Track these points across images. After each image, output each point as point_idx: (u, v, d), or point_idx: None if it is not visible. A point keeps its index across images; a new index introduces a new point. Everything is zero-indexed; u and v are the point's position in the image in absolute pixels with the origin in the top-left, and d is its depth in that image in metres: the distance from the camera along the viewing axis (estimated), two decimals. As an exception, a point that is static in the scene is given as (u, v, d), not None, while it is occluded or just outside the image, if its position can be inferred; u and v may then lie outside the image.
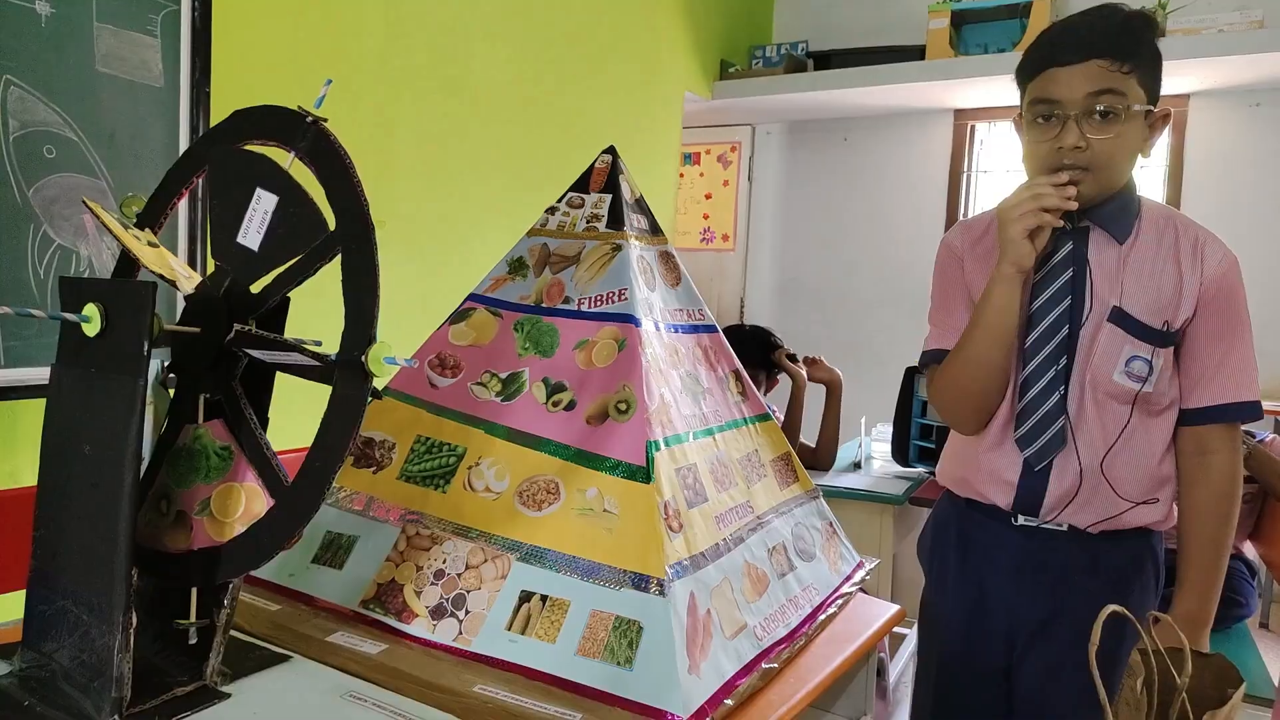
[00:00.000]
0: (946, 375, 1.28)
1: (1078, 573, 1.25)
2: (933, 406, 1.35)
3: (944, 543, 1.37)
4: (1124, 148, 1.16)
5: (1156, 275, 1.20)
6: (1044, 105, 1.18)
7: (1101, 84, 1.13)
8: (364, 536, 1.09)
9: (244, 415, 0.86)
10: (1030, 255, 1.16)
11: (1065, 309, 1.21)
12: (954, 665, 1.35)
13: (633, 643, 0.90)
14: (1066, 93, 1.15)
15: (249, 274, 0.86)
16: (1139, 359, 1.19)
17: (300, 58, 2.18)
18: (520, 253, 1.26)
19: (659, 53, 3.78)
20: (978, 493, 1.29)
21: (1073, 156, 1.15)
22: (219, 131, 0.93)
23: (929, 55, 3.89)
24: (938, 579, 1.37)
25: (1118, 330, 1.20)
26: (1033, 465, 1.23)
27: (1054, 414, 1.21)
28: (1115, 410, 1.21)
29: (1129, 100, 1.14)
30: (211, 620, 0.85)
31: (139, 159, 1.84)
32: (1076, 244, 1.22)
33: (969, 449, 1.31)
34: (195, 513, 0.85)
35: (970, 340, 1.22)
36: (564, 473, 1.05)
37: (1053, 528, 1.25)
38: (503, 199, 2.85)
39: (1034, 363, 1.22)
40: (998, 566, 1.29)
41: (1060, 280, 1.22)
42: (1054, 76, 1.16)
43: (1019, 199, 1.15)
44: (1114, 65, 1.13)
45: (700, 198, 4.91)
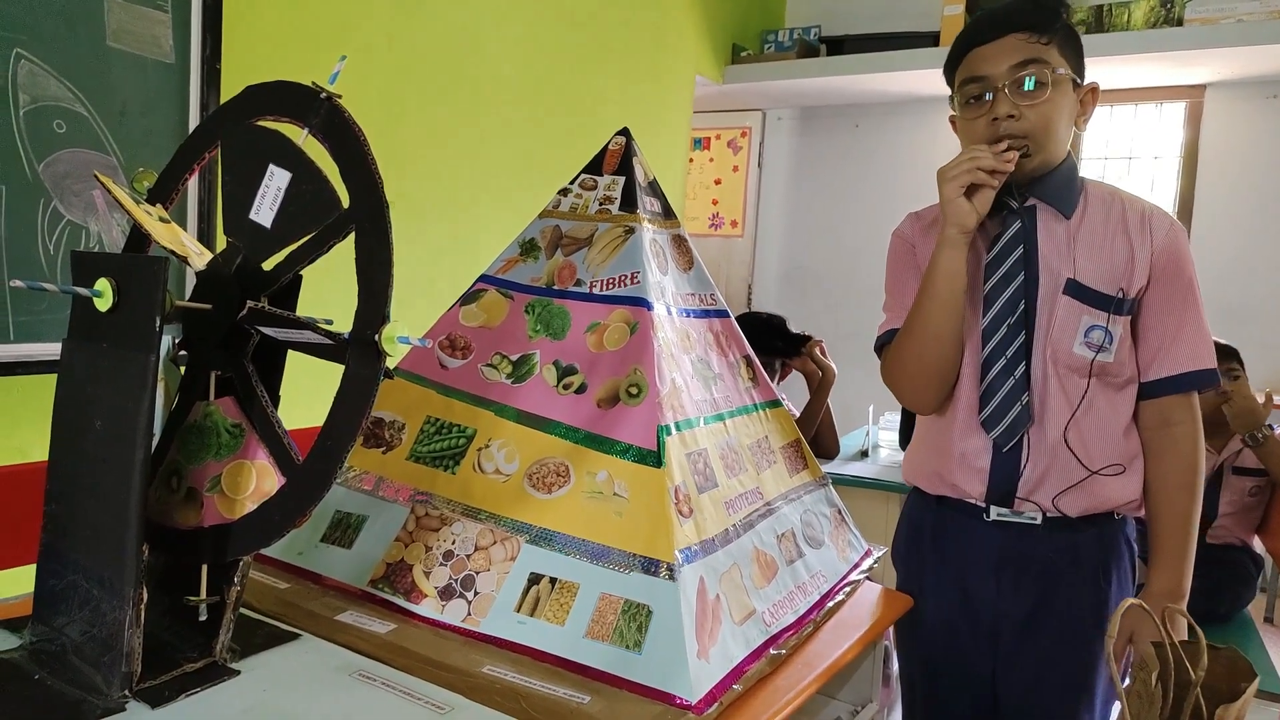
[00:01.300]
0: (899, 351, 1.28)
1: (1058, 567, 1.24)
2: (890, 387, 1.34)
3: (919, 544, 1.36)
4: (1057, 115, 1.19)
5: (1107, 247, 1.22)
6: (973, 84, 1.22)
7: (1023, 54, 1.17)
8: (373, 516, 1.09)
9: (255, 393, 0.86)
10: (970, 215, 1.17)
11: (1019, 285, 1.22)
12: (940, 670, 1.34)
13: (642, 626, 0.90)
14: (991, 67, 1.19)
15: (261, 251, 0.86)
16: (1098, 328, 1.20)
17: (310, 37, 2.17)
18: (532, 234, 1.25)
19: (669, 35, 3.75)
20: (950, 485, 1.28)
21: (1008, 126, 1.18)
22: (232, 107, 0.92)
23: (943, 42, 3.85)
24: (916, 582, 1.36)
25: (1074, 302, 1.21)
26: (1001, 446, 1.22)
27: (1017, 391, 1.21)
28: (1076, 382, 1.22)
29: (1052, 66, 1.17)
30: (221, 597, 0.85)
31: (149, 135, 1.84)
32: (1025, 222, 1.23)
33: (939, 440, 1.30)
34: (206, 490, 0.85)
35: (920, 311, 1.23)
36: (574, 455, 1.05)
37: (1028, 520, 1.25)
38: (512, 181, 2.84)
39: (993, 341, 1.23)
40: (977, 565, 1.28)
41: (1012, 257, 1.22)
42: (978, 55, 1.21)
43: (956, 160, 1.18)
44: (1032, 37, 1.18)
45: (709, 183, 4.89)
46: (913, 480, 1.38)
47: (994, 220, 1.24)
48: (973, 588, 1.29)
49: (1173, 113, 3.93)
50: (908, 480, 1.41)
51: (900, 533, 1.43)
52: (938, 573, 1.33)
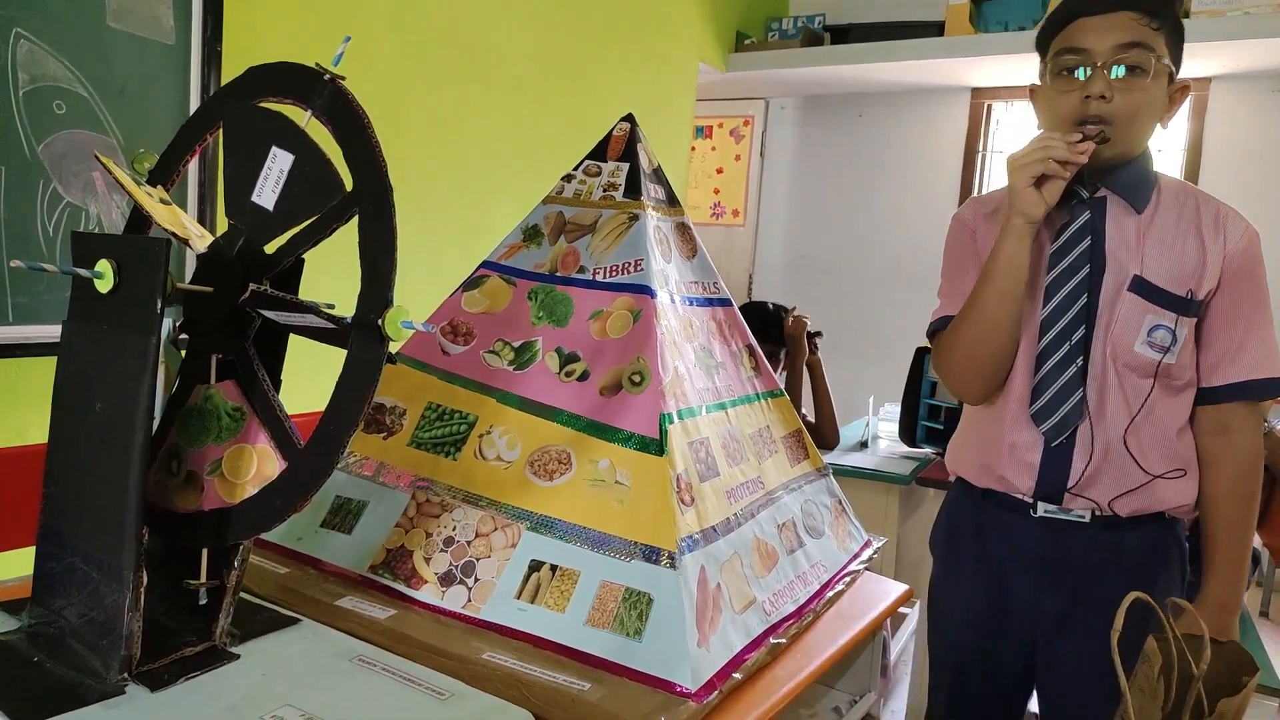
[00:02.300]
0: (953, 337, 1.25)
1: (1100, 565, 1.22)
2: (938, 375, 1.32)
3: (960, 536, 1.34)
4: (1147, 107, 1.15)
5: (1178, 245, 1.18)
6: (1072, 55, 1.16)
7: (1131, 36, 1.12)
8: (374, 502, 1.08)
9: (257, 376, 0.85)
10: (1038, 205, 1.13)
11: (1083, 278, 1.18)
12: (973, 663, 1.32)
13: (642, 614, 0.90)
14: (1095, 42, 1.13)
15: (263, 234, 0.85)
16: (1162, 328, 1.17)
17: (312, 19, 2.15)
18: (535, 220, 1.24)
19: (674, 22, 3.73)
20: (998, 479, 1.26)
21: (1097, 107, 1.13)
22: (233, 88, 0.91)
23: (948, 32, 3.84)
24: (953, 573, 1.34)
25: (1139, 299, 1.17)
26: (1050, 441, 1.20)
27: (1071, 387, 1.18)
28: (1135, 383, 1.18)
29: (1157, 54, 1.12)
30: (221, 581, 0.85)
31: (149, 116, 1.83)
32: (1094, 213, 1.20)
33: (987, 432, 1.27)
34: (206, 473, 0.85)
35: (978, 298, 1.20)
36: (576, 443, 1.04)
37: (1074, 518, 1.22)
38: (516, 166, 2.83)
39: (1050, 334, 1.19)
40: (1018, 560, 1.26)
41: (1078, 250, 1.19)
42: (1083, 26, 1.15)
43: (1028, 148, 1.14)
44: (1144, 19, 1.12)
45: (712, 172, 4.87)
46: (958, 471, 1.36)
47: (1061, 209, 1.20)
48: (1012, 584, 1.27)
49: (1178, 106, 3.91)
50: (952, 471, 1.38)
51: (940, 524, 1.41)
52: (976, 567, 1.30)
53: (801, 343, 2.56)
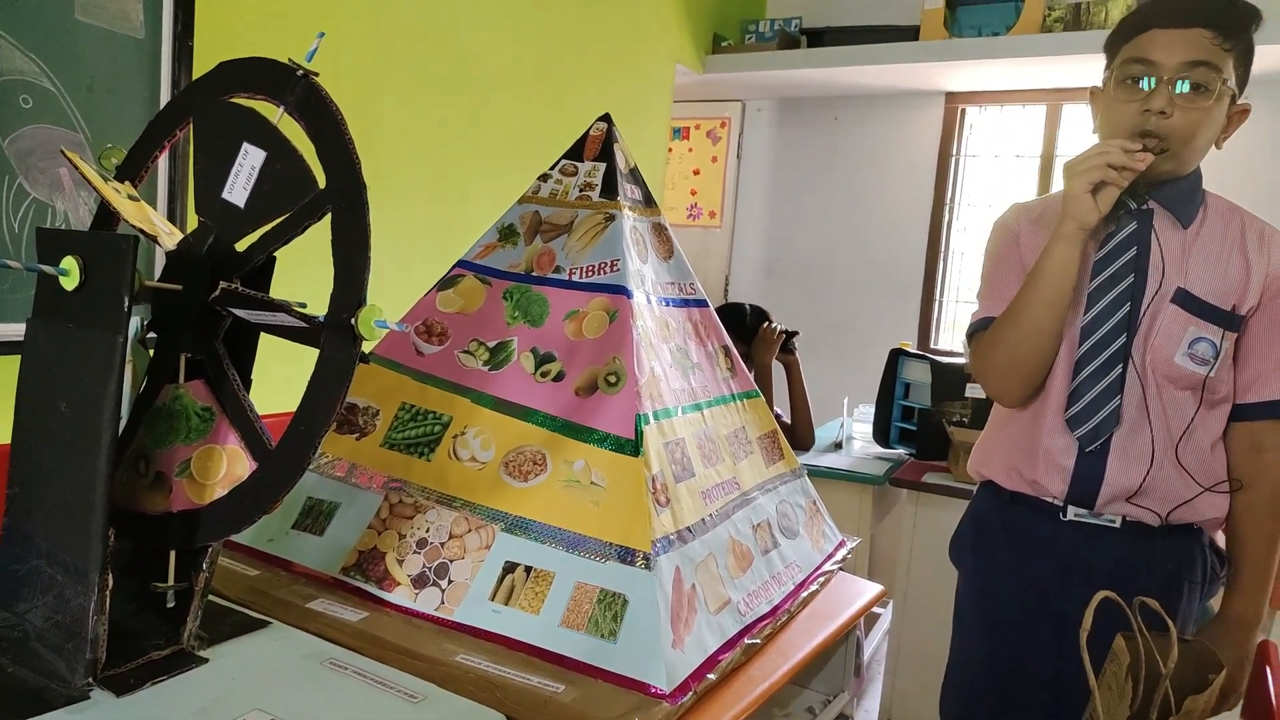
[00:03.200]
0: (995, 339, 1.24)
1: (1133, 575, 1.22)
2: (977, 375, 1.32)
3: (989, 540, 1.33)
4: (1206, 127, 1.14)
5: (1223, 262, 1.19)
6: (1139, 65, 1.15)
7: (1200, 54, 1.11)
8: (346, 503, 1.07)
9: (227, 376, 0.84)
10: (1093, 213, 1.12)
11: (1126, 287, 1.18)
12: (1006, 672, 1.31)
13: (617, 615, 0.90)
14: (1164, 56, 1.12)
15: (234, 231, 0.84)
16: (1205, 340, 1.17)
17: (285, 14, 2.13)
18: (511, 220, 1.23)
19: (650, 23, 3.73)
20: (1030, 482, 1.26)
21: (1156, 122, 1.12)
22: (204, 83, 0.90)
23: (923, 36, 3.86)
24: (984, 578, 1.33)
25: (1181, 311, 1.18)
26: (1085, 446, 1.20)
27: (1109, 394, 1.18)
28: (1175, 396, 1.19)
29: (1224, 76, 1.11)
30: (190, 584, 0.83)
31: (118, 112, 1.80)
32: (1141, 224, 1.20)
33: (1022, 435, 1.27)
34: (175, 474, 0.84)
35: (1024, 302, 1.19)
36: (551, 444, 1.04)
37: (1104, 523, 1.22)
38: (491, 165, 2.82)
39: (1090, 341, 1.20)
40: (1048, 564, 1.26)
41: (1123, 259, 1.19)
42: (1154, 38, 1.14)
43: (1087, 154, 1.13)
44: (1216, 38, 1.11)
45: (688, 173, 4.88)
46: (986, 473, 1.35)
47: (1108, 219, 1.20)
48: (1041, 588, 1.27)
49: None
50: (978, 473, 1.37)
51: (966, 528, 1.39)
52: (1006, 572, 1.30)
53: (768, 341, 2.57)
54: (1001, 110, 4.27)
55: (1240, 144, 3.79)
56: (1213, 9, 1.12)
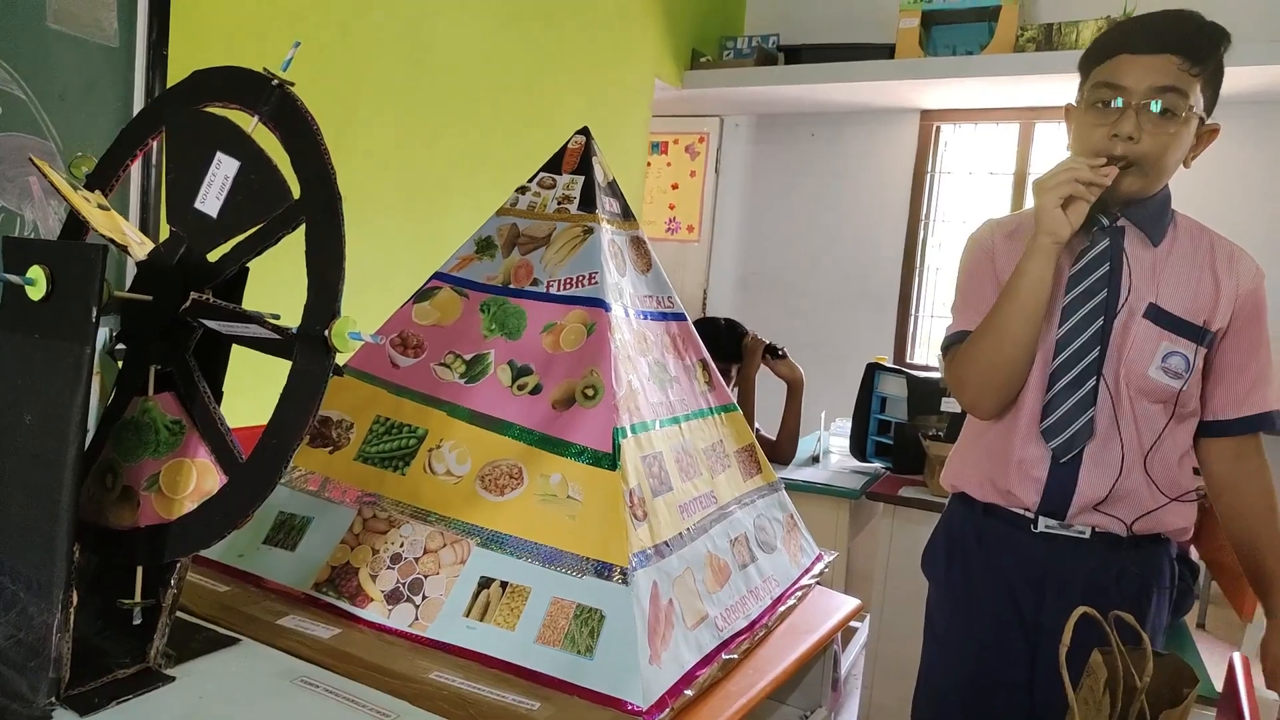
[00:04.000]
0: (971, 352, 1.26)
1: (1103, 586, 1.24)
2: (952, 388, 1.33)
3: (962, 551, 1.34)
4: (1174, 150, 1.16)
5: (1193, 279, 1.21)
6: (1108, 89, 1.17)
7: (1169, 80, 1.13)
8: (318, 518, 1.06)
9: (197, 388, 0.83)
10: (1065, 226, 1.15)
11: (1100, 301, 1.21)
12: (978, 682, 1.32)
13: (594, 631, 0.89)
14: (1133, 81, 1.14)
15: (206, 241, 0.83)
16: (1178, 354, 1.19)
17: (262, 25, 2.12)
18: (488, 232, 1.23)
19: (630, 38, 3.75)
20: (1003, 493, 1.27)
21: (1124, 147, 1.15)
22: (177, 92, 0.89)
23: (898, 54, 3.91)
24: (957, 590, 1.34)
25: (1153, 326, 1.20)
26: (1059, 457, 1.22)
27: (1082, 406, 1.20)
28: (1146, 408, 1.21)
29: (1190, 103, 1.13)
30: (157, 600, 0.82)
31: (91, 121, 1.78)
32: (1113, 241, 1.22)
33: (995, 446, 1.28)
34: (143, 488, 0.82)
35: (1000, 314, 1.21)
36: (527, 457, 1.03)
37: (1075, 534, 1.24)
38: (469, 177, 2.81)
39: (1065, 353, 1.21)
40: (1021, 574, 1.27)
41: (1096, 274, 1.21)
42: (1124, 63, 1.16)
43: (1055, 170, 1.15)
44: (1185, 64, 1.13)
45: (667, 187, 4.89)
46: (958, 485, 1.36)
47: (1081, 235, 1.22)
48: (1015, 600, 1.28)
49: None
50: (951, 485, 1.38)
51: (938, 540, 1.40)
52: (979, 583, 1.31)
53: (755, 356, 2.58)
54: (975, 128, 4.32)
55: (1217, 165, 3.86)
56: (1182, 35, 1.14)
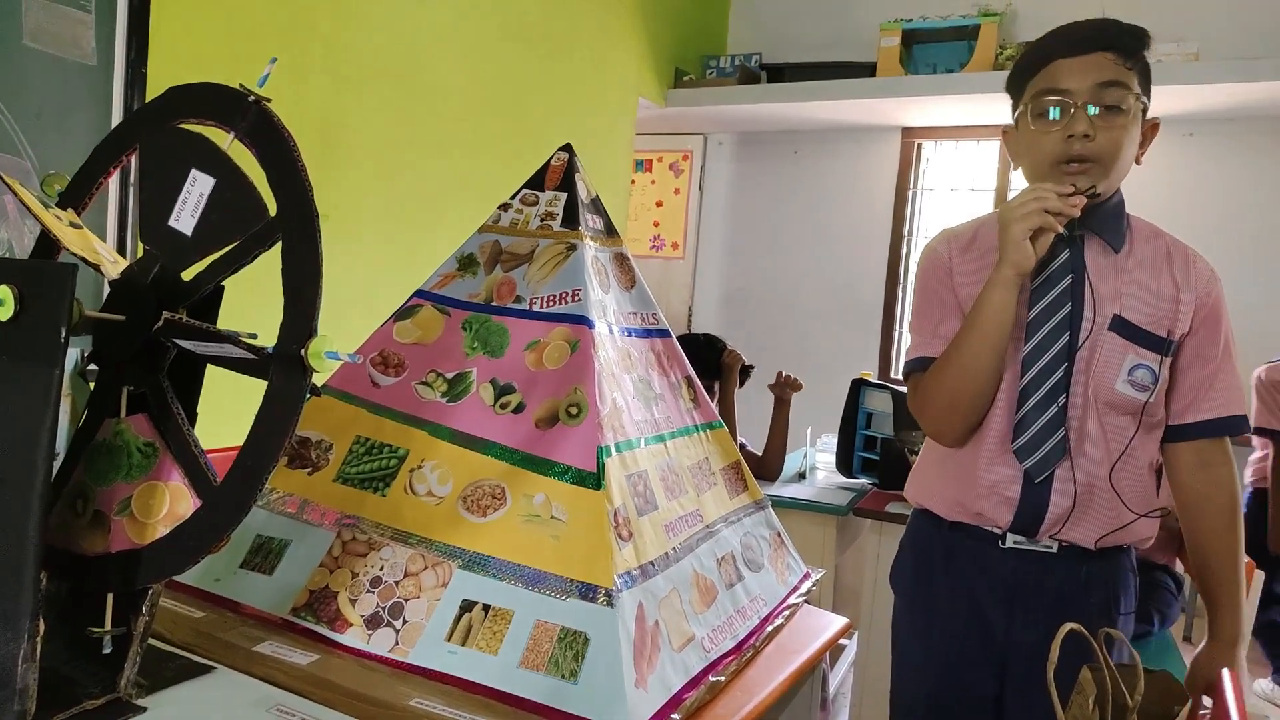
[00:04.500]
0: (935, 382, 1.24)
1: (1072, 598, 1.23)
2: (917, 416, 1.31)
3: (930, 567, 1.32)
4: (1128, 143, 1.16)
5: (1154, 285, 1.20)
6: (1052, 96, 1.16)
7: (1109, 75, 1.14)
8: (296, 541, 1.04)
9: (170, 410, 0.81)
10: (1031, 259, 1.14)
11: (1065, 316, 1.19)
12: (946, 697, 1.31)
13: (578, 655, 0.87)
14: (1075, 82, 1.14)
15: (180, 260, 0.81)
16: (1143, 367, 1.19)
17: (243, 43, 2.11)
18: (471, 249, 1.22)
19: (613, 56, 3.77)
20: (974, 514, 1.25)
21: (1081, 146, 1.14)
22: (152, 108, 0.87)
23: (879, 73, 3.95)
24: (923, 608, 1.33)
25: (1118, 338, 1.19)
26: (1033, 477, 1.20)
27: (1054, 424, 1.18)
28: (1115, 421, 1.20)
29: (1135, 92, 1.14)
30: (128, 628, 0.79)
31: (68, 139, 1.76)
32: (1074, 252, 1.21)
33: (962, 467, 1.26)
34: (114, 513, 0.80)
35: (964, 344, 1.19)
36: (510, 477, 1.01)
37: (1043, 549, 1.23)
38: (452, 196, 2.80)
39: (1032, 371, 1.20)
40: (991, 593, 1.26)
41: (1059, 287, 1.20)
42: (1060, 67, 1.16)
43: (1022, 200, 1.14)
44: (1119, 59, 1.14)
45: (651, 205, 4.90)
46: (924, 503, 1.34)
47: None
48: (985, 615, 1.26)
49: (1096, 148, 4.07)
50: (915, 502, 1.36)
51: (904, 557, 1.39)
52: (949, 599, 1.29)
53: (734, 373, 2.58)
54: (956, 145, 4.36)
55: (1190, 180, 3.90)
56: (1110, 34, 1.16)
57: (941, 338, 1.25)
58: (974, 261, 1.24)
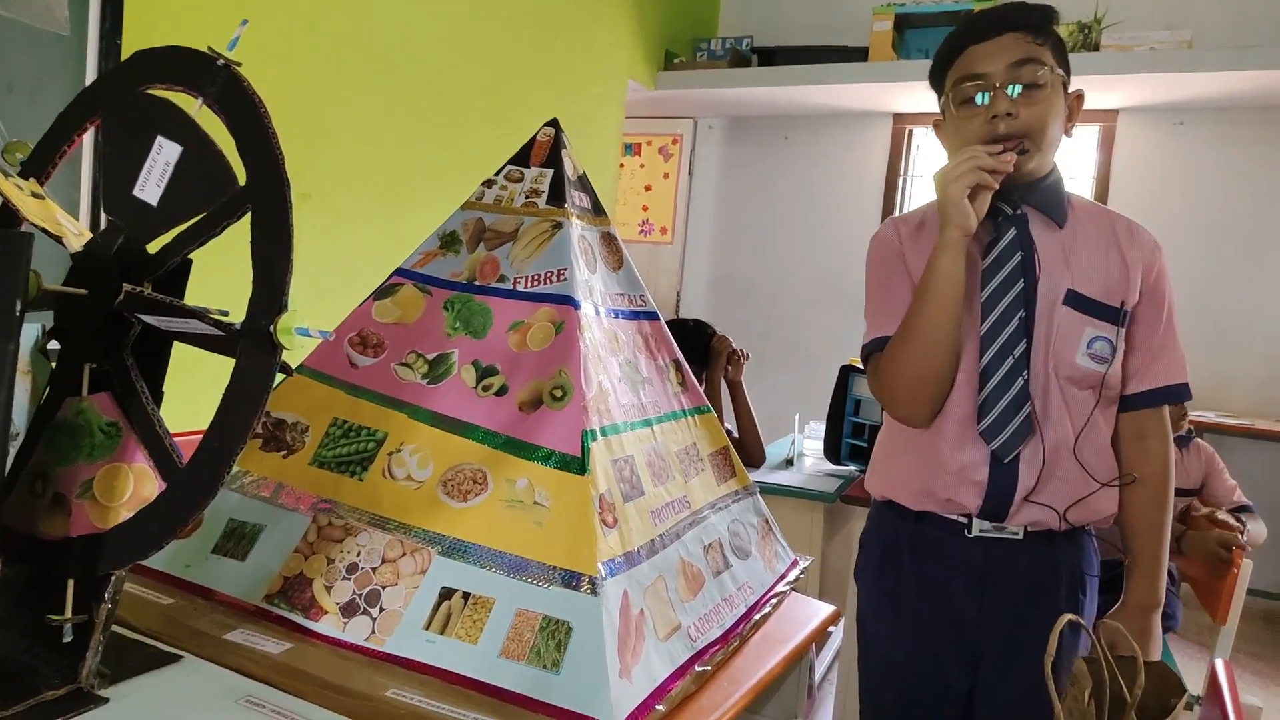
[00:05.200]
0: (894, 357, 1.22)
1: (1039, 583, 1.22)
2: (881, 398, 1.29)
3: (895, 562, 1.30)
4: (1052, 115, 1.19)
5: (1102, 258, 1.22)
6: (970, 82, 1.19)
7: (1022, 53, 1.17)
8: (270, 525, 1.00)
9: (135, 388, 0.77)
10: (971, 217, 1.14)
11: (1019, 292, 1.19)
12: (917, 690, 1.29)
13: (561, 644, 0.85)
14: (990, 65, 1.18)
15: (146, 231, 0.78)
16: (1101, 339, 1.20)
17: (223, 18, 2.05)
18: (453, 227, 1.18)
19: (603, 38, 3.72)
20: (942, 501, 1.24)
21: (1007, 125, 1.16)
22: (118, 73, 0.84)
23: (871, 57, 3.91)
24: (891, 602, 1.31)
25: (1074, 312, 1.20)
26: (1001, 457, 1.19)
27: (1019, 401, 1.17)
28: (1077, 395, 1.20)
29: (1050, 65, 1.17)
30: (90, 615, 0.76)
31: (40, 112, 1.71)
32: (1020, 229, 1.21)
33: (926, 453, 1.25)
34: (76, 495, 0.76)
35: (918, 315, 1.18)
36: (492, 461, 0.98)
37: (1009, 535, 1.22)
38: (438, 178, 2.76)
39: (992, 350, 1.19)
40: (960, 584, 1.24)
41: (1010, 264, 1.20)
42: (974, 53, 1.19)
43: (955, 161, 1.15)
44: (1028, 37, 1.17)
45: (640, 189, 4.86)
46: (888, 495, 1.32)
47: (986, 226, 1.21)
48: (956, 606, 1.25)
49: (1088, 136, 4.06)
50: (879, 494, 1.34)
51: (869, 550, 1.37)
52: (918, 592, 1.28)
53: (721, 358, 2.55)
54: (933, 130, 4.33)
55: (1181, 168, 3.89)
56: (1016, 14, 1.19)
57: (898, 317, 1.24)
58: (925, 242, 1.24)
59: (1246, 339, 3.77)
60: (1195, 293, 3.77)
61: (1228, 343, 3.75)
